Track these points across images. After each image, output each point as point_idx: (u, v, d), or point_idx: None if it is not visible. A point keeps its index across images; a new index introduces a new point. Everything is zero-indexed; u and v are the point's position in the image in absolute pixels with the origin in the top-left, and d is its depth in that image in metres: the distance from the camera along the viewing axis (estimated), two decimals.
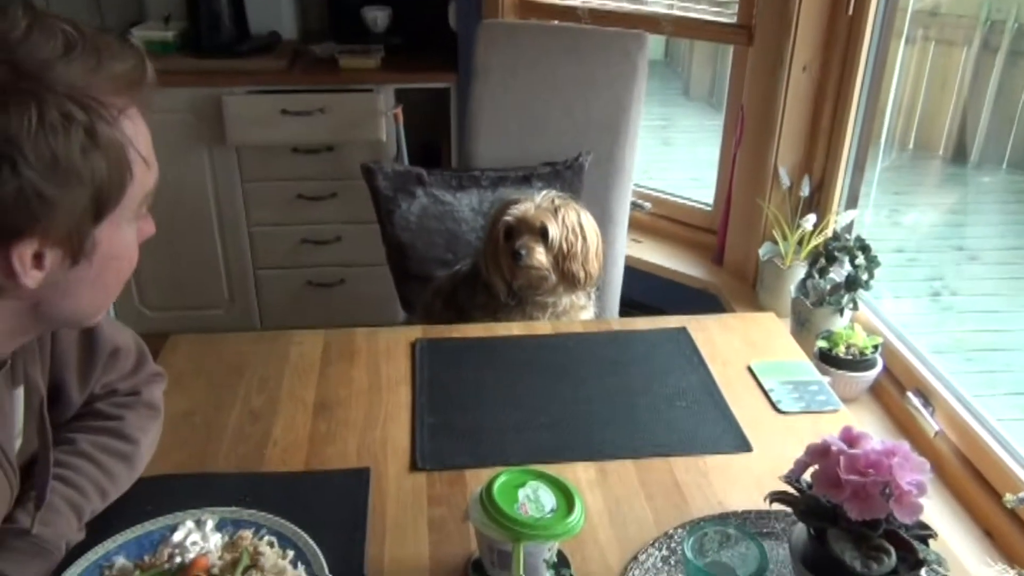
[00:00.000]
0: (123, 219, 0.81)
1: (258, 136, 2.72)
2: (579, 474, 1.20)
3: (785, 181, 2.27)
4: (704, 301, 2.48)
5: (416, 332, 1.56)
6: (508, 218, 1.77)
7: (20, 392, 0.95)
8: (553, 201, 1.78)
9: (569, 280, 1.78)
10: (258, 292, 3.01)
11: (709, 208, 2.68)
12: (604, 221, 2.23)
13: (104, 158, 0.74)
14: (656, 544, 1.07)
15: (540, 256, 1.75)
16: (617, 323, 1.65)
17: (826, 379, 1.46)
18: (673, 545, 1.07)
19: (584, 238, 1.78)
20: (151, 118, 0.82)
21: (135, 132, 0.79)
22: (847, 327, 1.96)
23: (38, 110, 0.69)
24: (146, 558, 1.00)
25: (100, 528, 1.05)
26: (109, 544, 1.02)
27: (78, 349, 1.06)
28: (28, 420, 0.97)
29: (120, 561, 1.00)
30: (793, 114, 2.22)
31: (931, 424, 1.72)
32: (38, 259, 0.74)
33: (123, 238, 0.82)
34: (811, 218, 2.19)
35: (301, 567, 0.99)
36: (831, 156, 2.24)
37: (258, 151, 2.78)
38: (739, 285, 2.46)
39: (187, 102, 2.67)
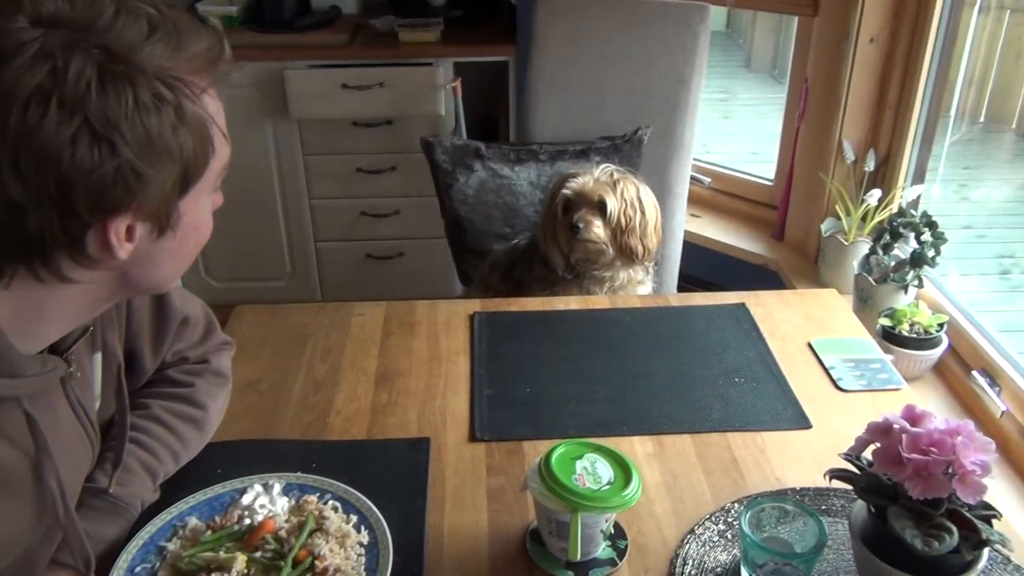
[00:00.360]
0: (203, 191, 0.83)
1: (319, 110, 2.75)
2: (636, 448, 1.21)
3: (849, 155, 2.22)
4: (764, 277, 2.45)
5: (474, 305, 1.58)
6: (566, 191, 1.77)
7: (99, 357, 0.99)
8: (612, 175, 1.77)
9: (627, 254, 1.78)
10: (319, 264, 3.06)
11: (770, 183, 2.64)
12: (663, 195, 2.22)
13: (190, 135, 0.77)
14: (713, 518, 1.08)
15: (598, 230, 1.75)
16: (675, 298, 1.64)
17: (888, 357, 1.44)
18: (730, 519, 1.08)
19: (643, 212, 1.77)
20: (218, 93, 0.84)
21: (216, 109, 0.81)
22: (911, 305, 1.93)
23: (132, 92, 0.72)
24: (216, 519, 1.04)
25: (173, 490, 1.09)
26: (182, 505, 1.06)
27: (151, 319, 1.10)
28: (105, 384, 1.01)
29: (192, 521, 1.04)
30: (859, 86, 2.17)
31: (997, 404, 1.69)
32: (129, 232, 0.77)
33: (202, 209, 0.85)
34: (876, 193, 2.14)
35: (364, 532, 1.02)
36: (898, 129, 2.18)
37: (319, 125, 2.81)
38: (800, 261, 2.43)
39: (251, 76, 2.71)
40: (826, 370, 1.39)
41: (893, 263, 2.01)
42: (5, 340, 0.76)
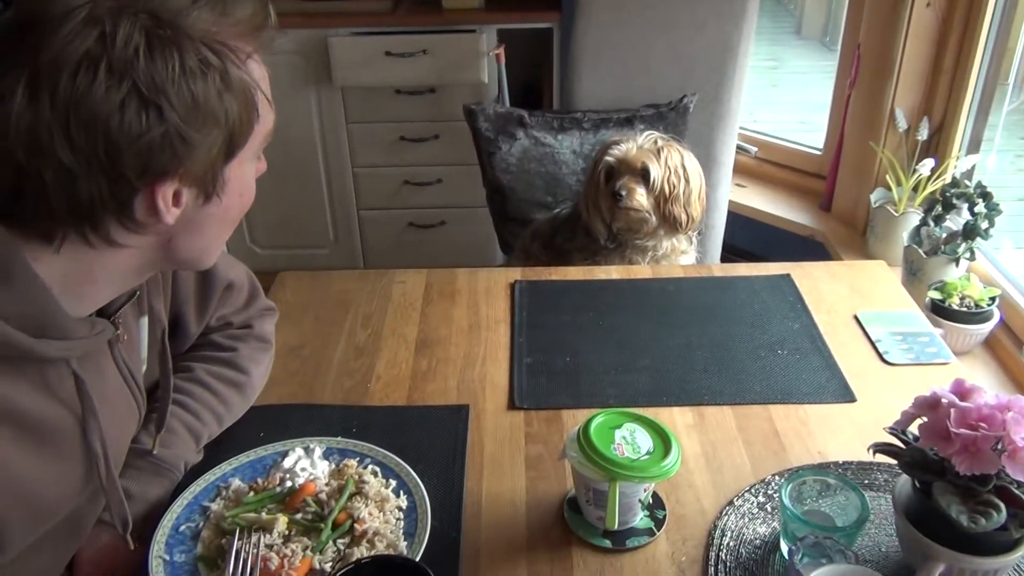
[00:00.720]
0: (247, 157, 0.84)
1: (363, 77, 2.75)
2: (676, 418, 1.20)
3: (902, 124, 2.16)
4: (809, 249, 2.41)
5: (515, 273, 1.57)
6: (609, 159, 1.75)
7: (145, 321, 1.00)
8: (656, 142, 1.75)
9: (670, 223, 1.76)
10: (361, 233, 3.07)
11: (818, 152, 2.59)
12: (708, 165, 2.18)
13: (236, 100, 0.77)
14: (752, 490, 1.07)
15: (640, 198, 1.73)
16: (718, 268, 1.62)
17: (937, 331, 1.41)
18: (770, 492, 1.07)
19: (687, 180, 1.74)
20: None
21: (260, 75, 0.82)
22: (962, 278, 1.88)
23: (179, 57, 0.72)
24: (259, 481, 1.05)
25: (217, 452, 1.11)
26: (225, 466, 1.08)
27: (196, 284, 1.12)
28: (151, 348, 1.03)
29: (235, 483, 1.06)
30: (913, 53, 2.11)
31: None
32: (176, 198, 0.78)
33: (246, 175, 0.86)
34: (928, 163, 2.09)
35: (403, 496, 1.03)
36: (953, 97, 2.12)
37: (362, 92, 2.81)
38: (847, 233, 2.38)
39: (295, 44, 2.71)
40: (872, 343, 1.36)
41: (944, 235, 1.96)
42: (55, 303, 0.77)
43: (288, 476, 1.05)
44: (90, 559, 0.97)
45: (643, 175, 1.72)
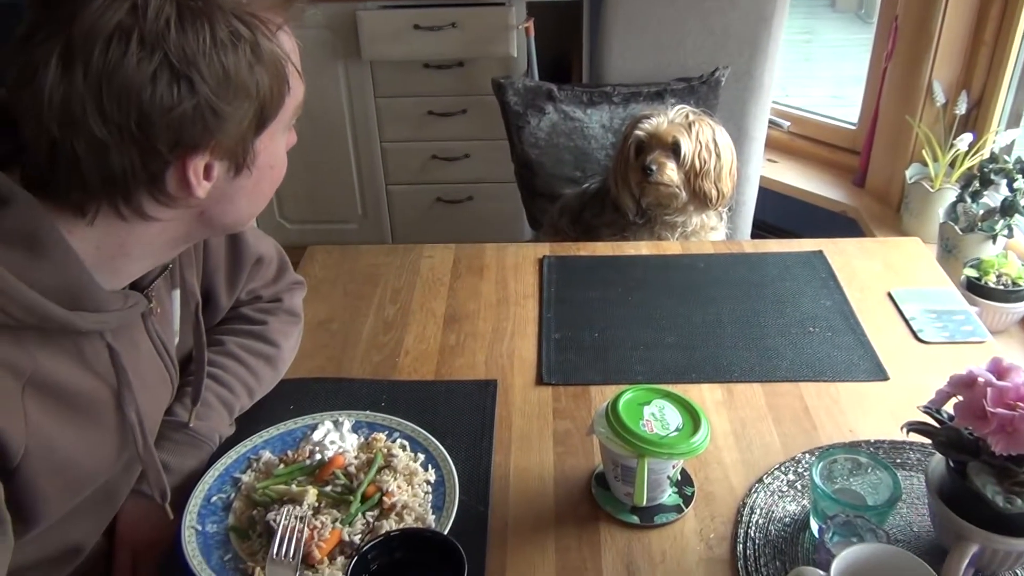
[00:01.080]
0: (278, 130, 0.84)
1: (391, 51, 2.74)
2: (705, 395, 1.19)
3: (940, 97, 2.12)
4: (842, 225, 2.38)
5: (544, 249, 1.57)
6: (639, 132, 1.73)
7: (177, 294, 1.01)
8: (687, 116, 1.73)
9: (700, 199, 1.74)
10: (389, 208, 3.08)
11: (852, 127, 2.55)
12: (740, 139, 2.15)
13: (266, 72, 0.77)
14: (782, 468, 1.06)
15: (671, 173, 1.71)
16: (749, 244, 1.60)
17: (973, 309, 1.39)
18: (800, 470, 1.06)
19: (718, 155, 1.72)
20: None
21: (291, 47, 0.81)
22: (999, 255, 1.85)
23: (210, 29, 0.72)
24: (289, 453, 1.06)
25: (248, 424, 1.12)
26: (256, 439, 1.09)
27: (226, 257, 1.12)
28: (184, 321, 1.04)
29: (266, 455, 1.07)
30: (953, 24, 2.06)
31: None
32: (207, 171, 0.78)
33: (277, 148, 0.86)
34: (966, 137, 2.04)
35: (431, 470, 1.04)
36: (993, 70, 2.07)
37: (391, 66, 2.80)
38: (881, 209, 2.35)
39: (324, 17, 2.70)
40: (906, 321, 1.34)
41: (982, 211, 1.92)
42: (89, 276, 0.78)
43: (317, 449, 1.05)
44: (129, 528, 0.99)
45: (674, 149, 1.70)
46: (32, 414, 0.76)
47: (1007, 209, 1.86)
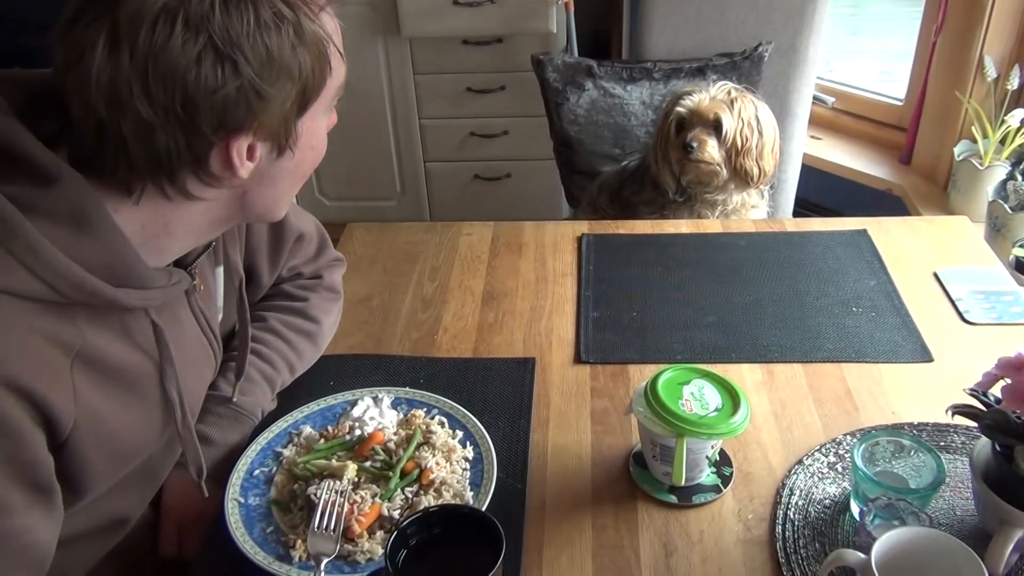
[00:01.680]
0: (320, 111, 0.84)
1: (430, 27, 2.73)
2: (745, 375, 1.18)
3: (991, 72, 2.06)
4: (887, 204, 2.33)
5: (583, 227, 1.56)
6: (680, 109, 1.71)
7: (220, 271, 1.02)
8: (729, 93, 1.70)
9: (741, 177, 1.72)
10: (428, 185, 3.08)
11: (899, 103, 2.49)
12: (783, 116, 2.12)
13: (309, 54, 0.77)
14: (823, 449, 1.05)
15: (712, 150, 1.69)
16: (791, 223, 1.58)
17: (1022, 290, 1.35)
18: (841, 452, 1.05)
19: (760, 133, 1.69)
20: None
21: (333, 27, 0.82)
22: None
23: (254, 10, 0.73)
24: (329, 428, 1.08)
25: (289, 400, 1.14)
26: (297, 414, 1.10)
27: (268, 235, 1.13)
28: (227, 298, 1.05)
29: (307, 430, 1.08)
30: None
31: None
32: (251, 151, 0.79)
33: (318, 129, 0.86)
34: (1019, 113, 1.99)
35: (469, 447, 1.04)
36: None
37: (430, 43, 2.80)
38: (928, 187, 2.30)
39: None
40: (952, 301, 1.31)
41: None
42: (135, 254, 0.79)
43: (357, 424, 1.07)
44: (174, 500, 1.01)
45: (715, 127, 1.68)
46: (81, 389, 0.78)
47: None
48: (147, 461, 0.92)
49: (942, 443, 1.05)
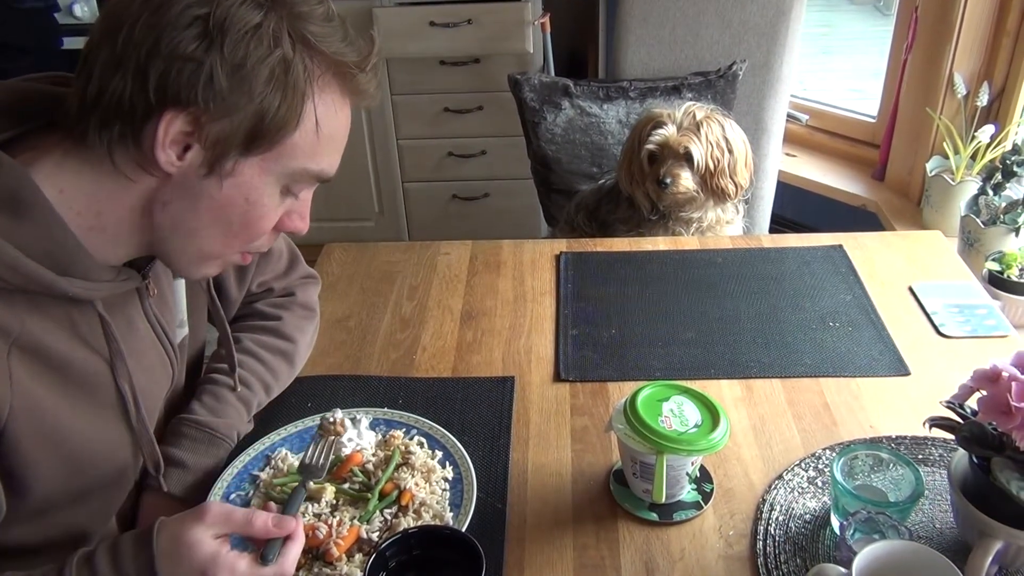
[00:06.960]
0: (271, 172, 0.82)
1: (407, 48, 2.73)
2: (724, 391, 1.19)
3: (961, 89, 2.09)
4: (862, 220, 2.36)
5: (561, 245, 1.56)
6: (650, 146, 1.72)
7: (182, 283, 1.01)
8: (694, 116, 1.71)
9: (717, 195, 1.73)
10: (406, 205, 3.08)
11: (872, 120, 2.52)
12: (757, 134, 2.14)
13: (281, 95, 0.77)
14: (802, 464, 1.05)
15: (686, 182, 1.70)
16: (767, 239, 1.59)
17: (996, 303, 1.37)
18: (820, 466, 1.05)
19: (730, 151, 1.71)
20: None
21: (326, 113, 0.81)
22: (1022, 248, 1.82)
23: (262, 18, 0.75)
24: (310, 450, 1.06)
25: (266, 422, 1.13)
26: (274, 436, 1.09)
27: None
28: (195, 313, 1.04)
29: (283, 452, 1.07)
30: (974, 14, 2.03)
31: None
32: (185, 148, 0.77)
33: (263, 193, 0.83)
34: (988, 129, 2.02)
35: (449, 467, 1.03)
36: (1016, 60, 2.04)
37: (407, 63, 2.80)
38: (901, 203, 2.32)
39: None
40: (927, 315, 1.33)
41: (1004, 204, 1.90)
42: (75, 240, 0.78)
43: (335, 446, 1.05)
44: (149, 522, 0.99)
45: (687, 158, 1.69)
46: (18, 376, 0.77)
47: None
48: (109, 471, 0.90)
49: (920, 456, 1.06)
